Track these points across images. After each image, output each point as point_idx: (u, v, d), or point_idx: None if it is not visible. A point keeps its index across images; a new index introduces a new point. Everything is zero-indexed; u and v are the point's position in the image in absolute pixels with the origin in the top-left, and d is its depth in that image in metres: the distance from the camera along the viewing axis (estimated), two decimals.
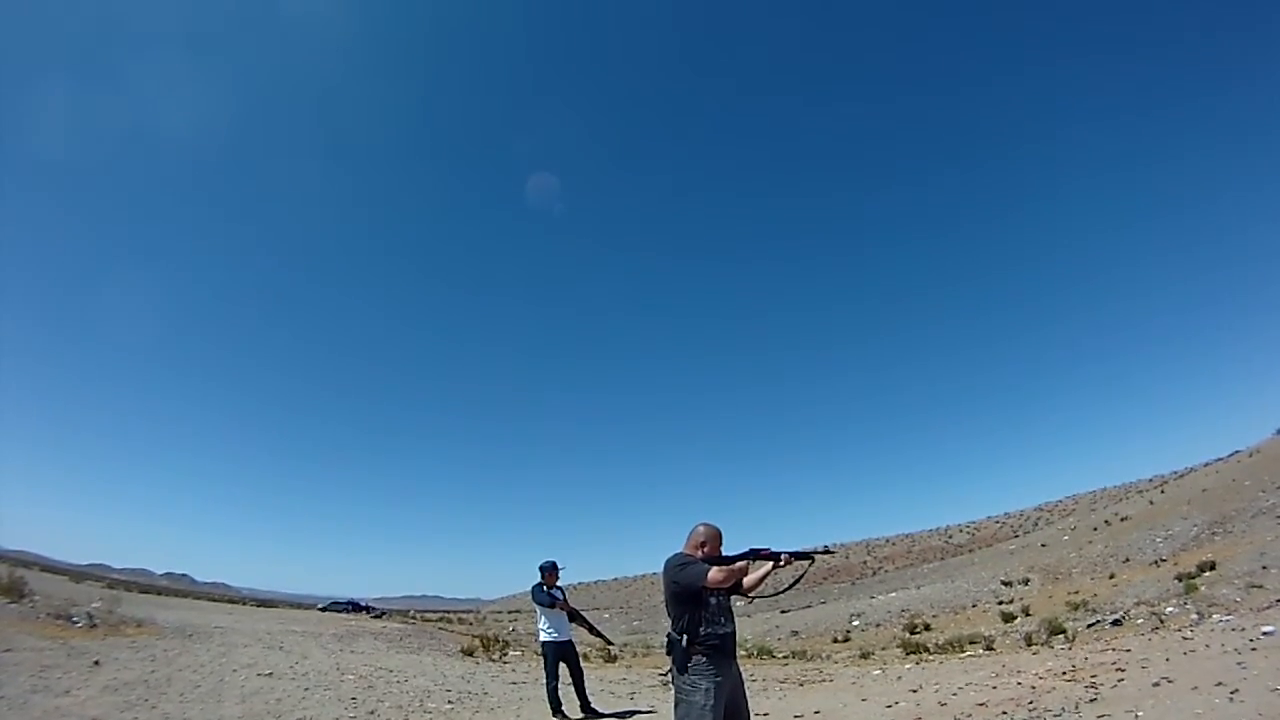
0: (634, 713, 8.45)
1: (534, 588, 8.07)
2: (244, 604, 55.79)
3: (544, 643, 8.02)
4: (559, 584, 8.21)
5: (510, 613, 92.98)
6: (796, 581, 4.60)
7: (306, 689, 9.40)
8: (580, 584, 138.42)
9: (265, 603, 67.61)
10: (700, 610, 3.79)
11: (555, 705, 7.79)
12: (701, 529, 4.03)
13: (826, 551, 4.99)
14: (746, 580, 3.95)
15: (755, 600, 4.17)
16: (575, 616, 8.24)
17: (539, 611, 8.13)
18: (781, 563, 3.97)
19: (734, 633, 3.93)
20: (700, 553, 3.93)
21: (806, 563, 4.06)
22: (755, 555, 3.90)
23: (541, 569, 8.10)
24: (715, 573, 3.71)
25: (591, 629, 8.66)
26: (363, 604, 55.56)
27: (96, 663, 9.40)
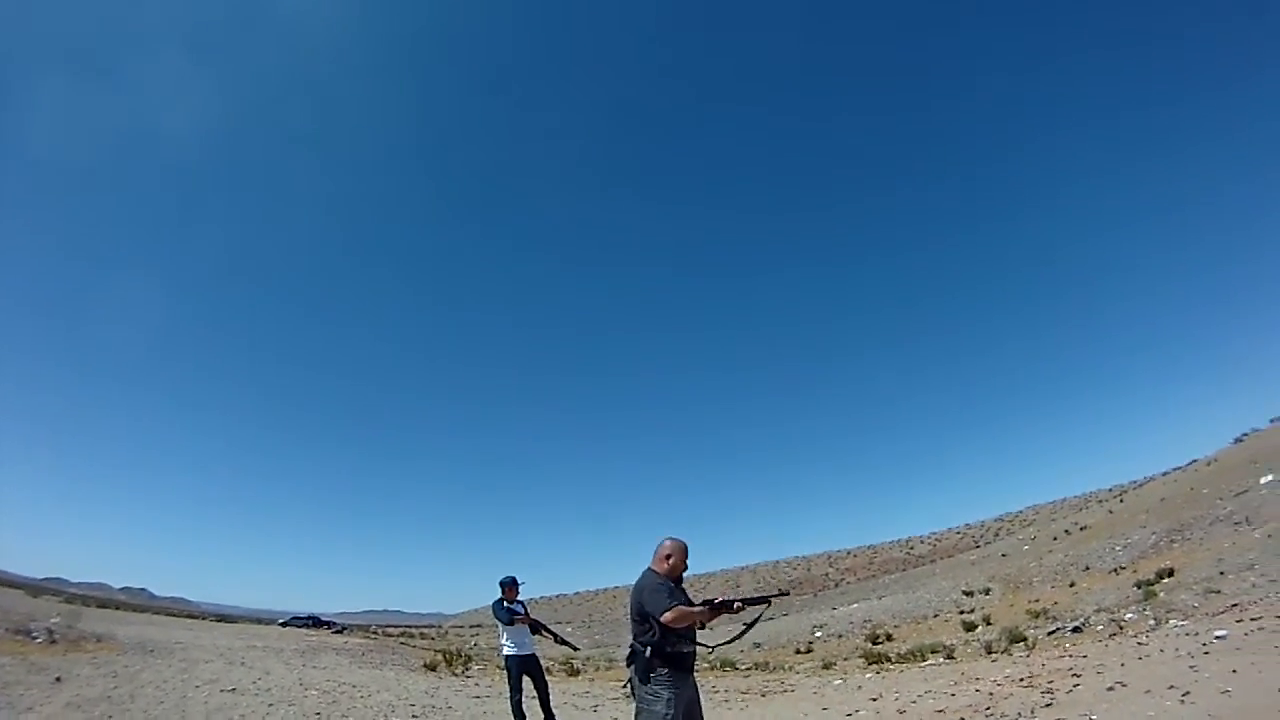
0: None
1: (494, 604, 8.11)
2: (203, 619, 54.37)
3: (507, 657, 8.07)
4: (520, 598, 8.19)
5: (472, 627, 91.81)
6: (754, 624, 5.00)
7: (270, 705, 9.36)
8: (542, 598, 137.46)
9: (225, 618, 65.84)
10: (664, 631, 4.03)
11: (519, 718, 7.75)
12: (668, 543, 4.31)
13: (782, 594, 5.58)
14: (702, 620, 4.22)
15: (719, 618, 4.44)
16: (538, 628, 8.23)
17: (500, 627, 8.09)
18: (735, 609, 4.28)
19: (694, 653, 4.23)
20: (666, 565, 4.24)
21: (763, 606, 4.44)
22: (712, 606, 4.19)
23: (501, 584, 8.14)
24: (670, 615, 3.98)
25: (556, 638, 8.68)
26: (324, 619, 54.65)
27: (58, 679, 9.29)
